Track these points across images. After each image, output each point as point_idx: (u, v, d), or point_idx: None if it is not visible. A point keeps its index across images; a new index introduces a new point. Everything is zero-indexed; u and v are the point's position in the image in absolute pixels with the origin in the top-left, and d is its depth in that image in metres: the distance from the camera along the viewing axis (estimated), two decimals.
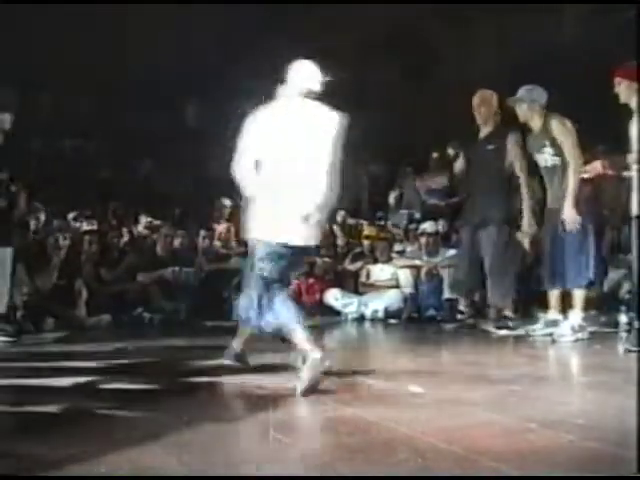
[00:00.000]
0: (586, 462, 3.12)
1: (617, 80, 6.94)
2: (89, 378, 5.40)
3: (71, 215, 11.08)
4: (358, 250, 11.52)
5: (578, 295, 7.49)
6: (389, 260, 10.67)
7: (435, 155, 12.52)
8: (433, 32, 15.57)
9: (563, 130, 7.53)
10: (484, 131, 8.62)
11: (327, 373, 4.76)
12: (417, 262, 10.34)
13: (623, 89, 6.90)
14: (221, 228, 11.55)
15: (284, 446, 3.37)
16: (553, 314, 7.69)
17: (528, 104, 7.75)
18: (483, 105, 8.54)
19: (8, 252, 7.79)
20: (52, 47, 13.31)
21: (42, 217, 10.20)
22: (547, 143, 7.58)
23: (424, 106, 14.74)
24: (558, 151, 7.52)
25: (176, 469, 3.06)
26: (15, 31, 12.62)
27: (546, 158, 7.65)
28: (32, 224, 9.76)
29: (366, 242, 11.46)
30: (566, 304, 7.66)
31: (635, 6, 7.76)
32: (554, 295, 7.72)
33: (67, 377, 5.34)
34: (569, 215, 7.38)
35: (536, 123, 7.75)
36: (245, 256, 10.90)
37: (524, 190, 8.27)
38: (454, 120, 9.40)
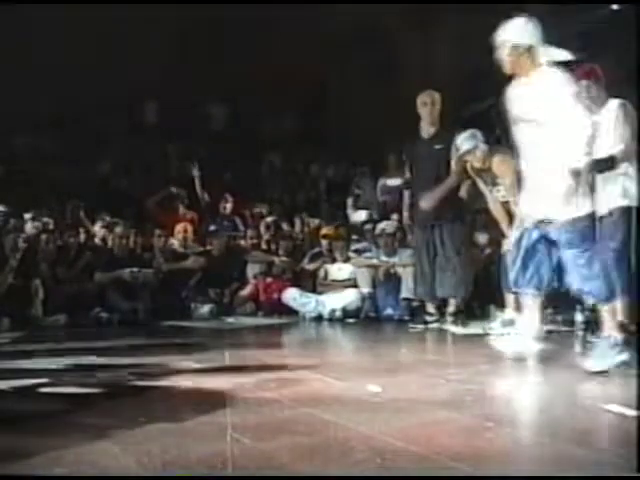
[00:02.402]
0: (544, 460, 3.14)
1: (587, 83, 6.97)
2: (44, 378, 5.36)
3: (28, 215, 10.95)
4: (316, 250, 11.51)
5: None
6: (347, 259, 10.67)
7: (392, 155, 12.53)
8: (395, 32, 15.63)
9: (503, 168, 7.56)
10: (429, 131, 8.72)
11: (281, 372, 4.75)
12: (375, 261, 10.35)
13: (594, 90, 6.95)
14: (179, 227, 11.50)
15: (242, 446, 3.37)
16: (510, 313, 7.73)
17: (463, 153, 7.84)
18: (435, 105, 8.64)
19: None
20: (7, 44, 13.19)
21: None
22: (498, 182, 7.66)
23: (382, 105, 14.78)
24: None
25: (134, 469, 3.05)
26: None
27: (503, 195, 7.72)
28: None
29: (324, 241, 11.44)
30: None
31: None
32: (511, 295, 7.77)
33: (20, 377, 5.30)
34: None
35: (481, 164, 7.80)
36: (202, 255, 10.98)
37: (450, 181, 8.42)
38: (410, 121, 9.44)
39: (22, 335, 8.25)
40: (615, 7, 12.88)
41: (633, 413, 3.74)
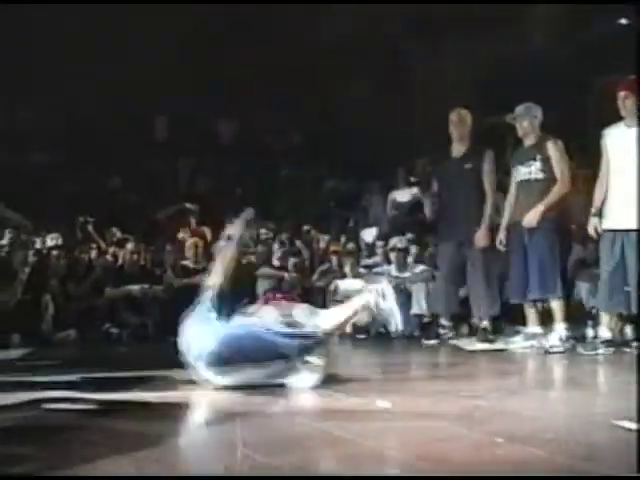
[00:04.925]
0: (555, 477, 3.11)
1: (624, 94, 7.14)
2: (54, 393, 5.36)
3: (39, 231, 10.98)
4: (326, 266, 11.52)
5: (556, 307, 7.61)
6: (357, 275, 10.66)
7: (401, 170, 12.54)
8: (403, 47, 15.68)
9: (558, 149, 7.78)
10: (459, 150, 8.68)
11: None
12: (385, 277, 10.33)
13: (629, 103, 7.12)
14: (190, 243, 11.50)
15: (252, 461, 3.35)
16: (533, 327, 7.81)
17: (529, 120, 7.93)
18: (461, 123, 8.65)
19: None
20: (18, 60, 13.24)
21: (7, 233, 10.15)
22: (537, 157, 7.76)
23: (392, 121, 14.80)
24: (545, 167, 7.74)
25: None
26: None
27: (531, 171, 7.81)
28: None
29: (334, 257, 11.45)
30: (544, 317, 7.82)
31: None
32: (533, 309, 7.84)
33: (30, 392, 5.29)
34: (531, 215, 7.55)
35: (531, 139, 7.94)
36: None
37: (489, 204, 8.36)
38: (421, 136, 9.50)
39: (32, 351, 8.24)
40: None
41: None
